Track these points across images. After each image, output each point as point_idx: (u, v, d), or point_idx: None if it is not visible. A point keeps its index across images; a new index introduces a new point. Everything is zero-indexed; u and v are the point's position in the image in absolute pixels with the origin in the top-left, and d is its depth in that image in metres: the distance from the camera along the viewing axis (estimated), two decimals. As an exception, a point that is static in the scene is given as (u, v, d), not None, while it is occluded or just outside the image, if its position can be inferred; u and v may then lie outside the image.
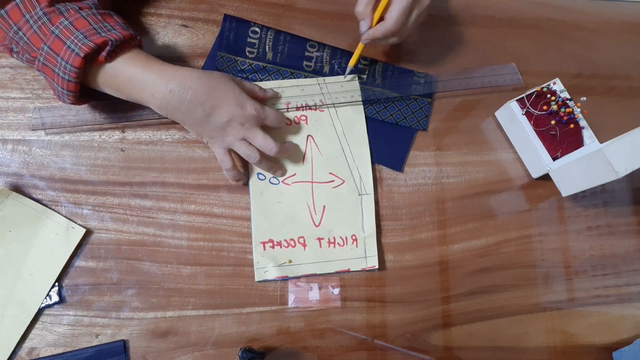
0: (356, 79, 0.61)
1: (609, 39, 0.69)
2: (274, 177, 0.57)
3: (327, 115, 0.59)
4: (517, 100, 0.60)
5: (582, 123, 0.59)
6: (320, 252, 0.56)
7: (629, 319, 0.61)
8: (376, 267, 0.57)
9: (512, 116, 0.60)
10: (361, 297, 0.57)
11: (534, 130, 0.59)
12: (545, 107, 0.59)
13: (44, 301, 0.51)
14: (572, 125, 0.59)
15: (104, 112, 0.55)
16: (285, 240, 0.56)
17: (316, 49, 0.61)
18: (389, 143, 0.60)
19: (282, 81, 0.59)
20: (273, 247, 0.56)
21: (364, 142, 0.59)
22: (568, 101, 0.59)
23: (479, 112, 0.64)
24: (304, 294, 0.56)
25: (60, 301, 0.52)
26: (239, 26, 0.60)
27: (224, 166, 0.54)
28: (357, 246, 0.57)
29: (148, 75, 0.48)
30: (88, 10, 0.47)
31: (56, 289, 0.52)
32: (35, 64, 0.47)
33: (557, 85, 0.60)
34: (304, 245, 0.56)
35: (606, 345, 0.60)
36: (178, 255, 0.55)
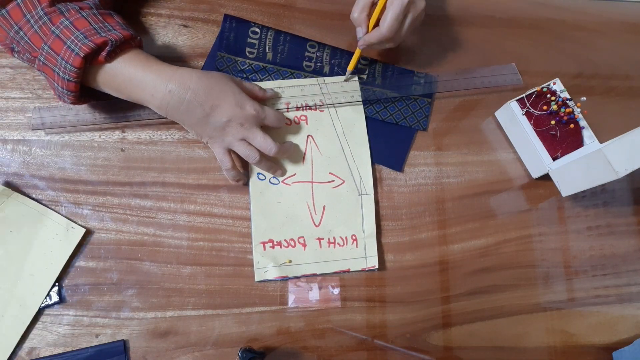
0: (356, 79, 0.61)
1: (609, 39, 0.69)
2: (274, 177, 0.57)
3: (327, 115, 0.59)
4: (517, 100, 0.60)
5: (582, 123, 0.59)
6: (320, 252, 0.56)
7: (629, 319, 0.61)
8: (376, 267, 0.57)
9: (512, 116, 0.60)
10: (361, 297, 0.57)
11: (534, 130, 0.59)
12: (545, 107, 0.59)
13: (44, 301, 0.51)
14: (572, 125, 0.59)
15: (104, 112, 0.55)
16: (285, 240, 0.56)
17: (316, 49, 0.61)
18: (389, 143, 0.60)
19: (282, 81, 0.59)
20: (273, 247, 0.56)
21: (364, 142, 0.59)
22: (568, 101, 0.59)
23: (479, 112, 0.64)
24: (304, 294, 0.56)
25: (60, 301, 0.52)
26: (239, 26, 0.60)
27: (223, 166, 0.54)
28: (357, 246, 0.57)
29: (148, 76, 0.48)
30: (89, 10, 0.48)
31: (56, 289, 0.52)
32: (36, 63, 0.47)
33: (557, 85, 0.60)
34: (304, 245, 0.56)
35: (606, 345, 0.60)
36: (178, 255, 0.55)
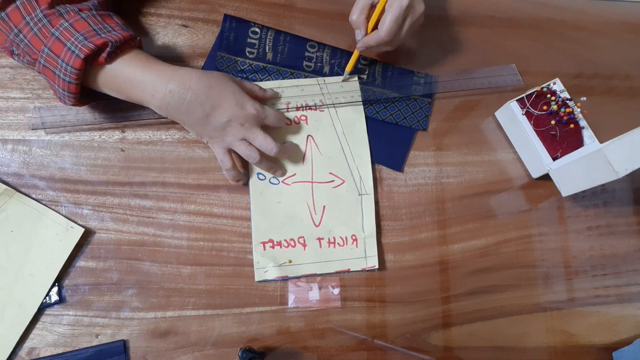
0: (356, 79, 0.61)
1: (609, 39, 0.69)
2: (274, 177, 0.57)
3: (327, 115, 0.59)
4: (517, 100, 0.60)
5: (582, 123, 0.59)
6: (320, 252, 0.56)
7: (629, 319, 0.61)
8: (376, 267, 0.57)
9: (512, 116, 0.60)
10: (361, 297, 0.57)
11: (534, 130, 0.59)
12: (545, 107, 0.59)
13: (44, 301, 0.51)
14: (572, 125, 0.59)
15: (104, 112, 0.55)
16: (285, 240, 0.56)
17: (316, 49, 0.61)
18: (389, 143, 0.60)
19: (282, 81, 0.59)
20: (273, 247, 0.56)
21: (364, 142, 0.59)
22: (568, 101, 0.59)
23: (479, 112, 0.64)
24: (304, 294, 0.56)
25: (60, 301, 0.52)
26: (239, 26, 0.60)
27: (223, 166, 0.54)
28: (357, 246, 0.57)
29: (148, 76, 0.48)
30: (88, 12, 0.47)
31: (56, 289, 0.52)
32: (36, 66, 0.47)
33: (557, 85, 0.60)
34: (304, 245, 0.56)
35: (606, 345, 0.60)
36: (178, 255, 0.55)
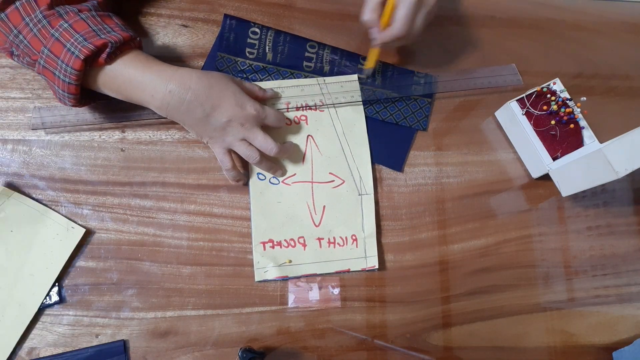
0: (356, 79, 0.61)
1: (609, 39, 0.69)
2: (274, 177, 0.57)
3: (327, 115, 0.59)
4: (517, 100, 0.60)
5: (582, 123, 0.59)
6: (320, 252, 0.56)
7: (629, 319, 0.61)
8: (376, 267, 0.57)
9: (512, 116, 0.60)
10: (361, 297, 0.57)
11: (534, 130, 0.59)
12: (545, 107, 0.59)
13: (44, 301, 0.51)
14: (572, 125, 0.59)
15: (104, 112, 0.55)
16: (285, 240, 0.56)
17: (316, 49, 0.61)
18: (389, 143, 0.60)
19: (282, 81, 0.59)
20: (273, 247, 0.56)
21: (364, 142, 0.59)
22: (568, 101, 0.59)
23: (479, 112, 0.64)
24: (304, 294, 0.56)
25: (60, 301, 0.52)
26: (239, 26, 0.60)
27: (223, 166, 0.54)
28: (357, 246, 0.57)
29: (147, 76, 0.48)
30: (87, 13, 0.47)
31: (56, 289, 0.52)
32: (36, 67, 0.47)
33: (557, 85, 0.60)
34: (304, 245, 0.56)
35: (606, 345, 0.60)
36: (178, 255, 0.55)
